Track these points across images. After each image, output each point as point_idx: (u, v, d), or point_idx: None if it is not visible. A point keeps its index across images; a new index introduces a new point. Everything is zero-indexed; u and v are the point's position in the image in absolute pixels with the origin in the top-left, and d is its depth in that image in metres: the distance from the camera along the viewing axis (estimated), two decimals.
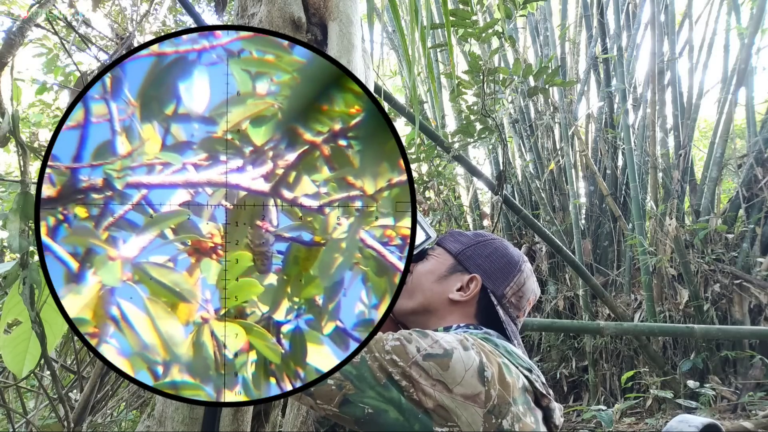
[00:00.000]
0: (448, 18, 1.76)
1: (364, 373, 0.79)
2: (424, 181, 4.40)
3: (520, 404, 0.84)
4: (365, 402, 0.78)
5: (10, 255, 2.79)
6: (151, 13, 3.92)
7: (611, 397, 4.08)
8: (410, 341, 0.82)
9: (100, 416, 2.66)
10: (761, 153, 4.13)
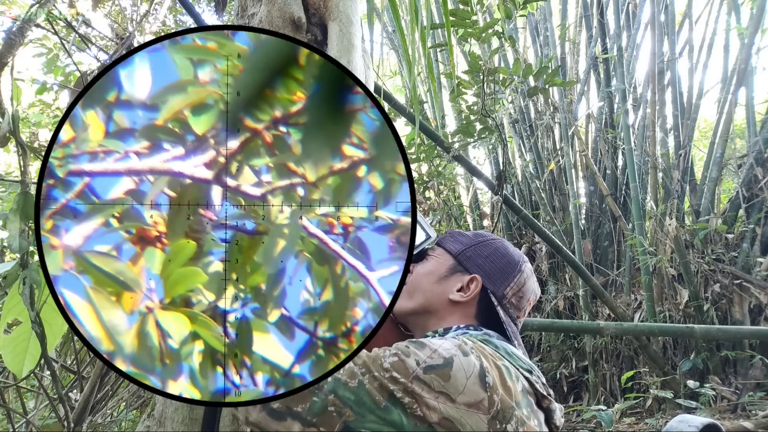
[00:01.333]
0: (448, 18, 1.76)
1: (363, 398, 0.78)
2: (424, 181, 4.40)
3: (524, 407, 0.83)
4: (366, 427, 0.77)
5: (10, 255, 2.79)
6: (151, 13, 3.92)
7: (611, 397, 4.08)
8: (408, 355, 0.80)
9: (100, 416, 2.66)
10: (761, 153, 4.13)
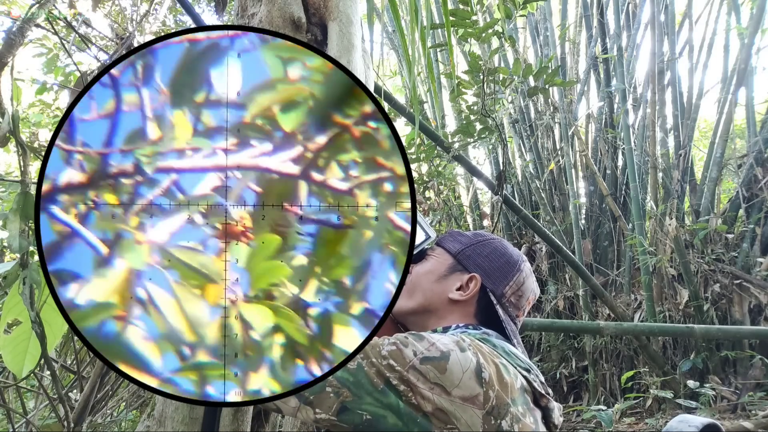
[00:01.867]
0: (448, 18, 1.76)
1: (361, 380, 0.79)
2: (424, 181, 4.40)
3: (519, 405, 0.83)
4: (363, 408, 0.78)
5: (10, 255, 2.79)
6: (151, 13, 3.92)
7: (611, 397, 4.08)
8: (407, 345, 0.81)
9: (100, 416, 2.66)
10: (761, 153, 4.13)
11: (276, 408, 0.82)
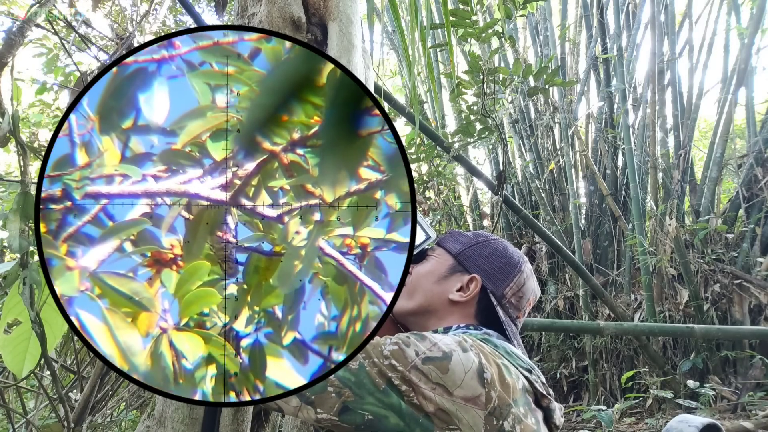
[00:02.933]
0: (448, 18, 1.76)
1: (362, 380, 0.78)
2: (424, 181, 4.40)
3: (521, 405, 0.83)
4: (365, 408, 0.78)
5: (10, 255, 2.79)
6: (151, 13, 3.92)
7: (611, 397, 4.07)
8: (408, 345, 0.81)
9: (100, 416, 2.66)
10: (761, 153, 4.13)
11: (277, 408, 0.82)
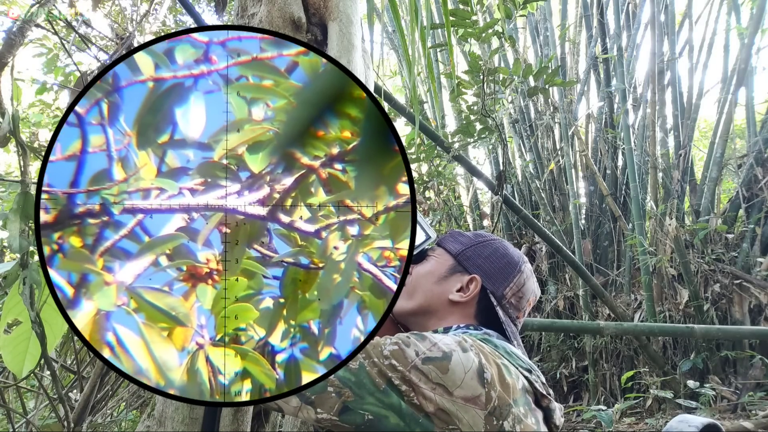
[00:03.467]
0: (448, 18, 1.76)
1: (362, 380, 0.78)
2: (424, 181, 4.40)
3: (521, 405, 0.83)
4: (365, 408, 0.78)
5: (10, 255, 2.79)
6: (151, 13, 3.92)
7: (611, 397, 4.07)
8: (408, 345, 0.81)
9: (100, 416, 2.66)
10: (761, 153, 4.13)
11: (277, 408, 0.82)
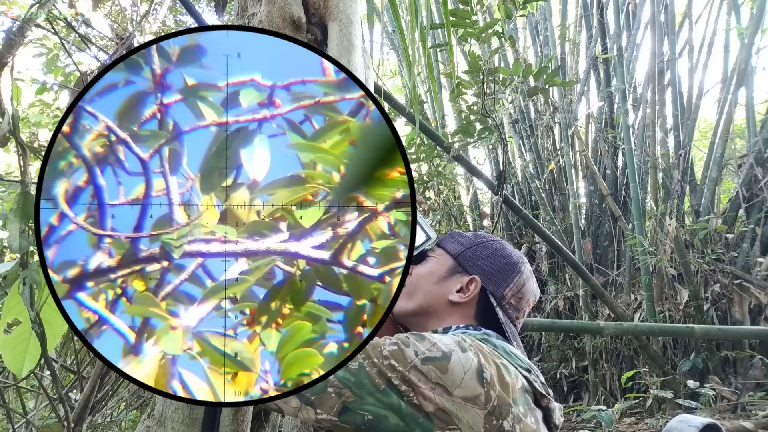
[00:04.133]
0: (448, 18, 1.76)
1: (362, 380, 0.79)
2: (424, 181, 4.40)
3: (521, 405, 0.83)
4: (365, 409, 0.78)
5: (10, 255, 2.79)
6: (151, 13, 3.92)
7: (611, 397, 4.07)
8: (408, 345, 0.81)
9: (100, 416, 2.66)
10: (761, 153, 4.13)
11: (277, 408, 0.82)
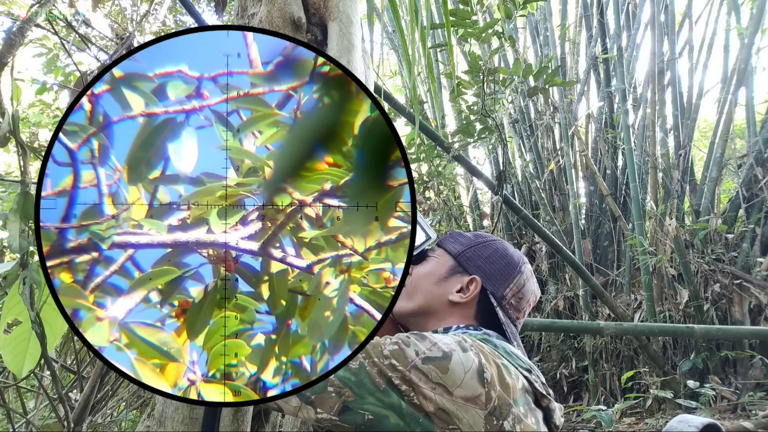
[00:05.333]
0: (448, 18, 1.76)
1: (363, 380, 0.79)
2: (424, 181, 4.40)
3: (521, 405, 0.83)
4: (365, 408, 0.78)
5: (10, 255, 2.79)
6: (151, 13, 3.92)
7: (611, 397, 4.08)
8: (408, 345, 0.81)
9: (100, 416, 2.66)
10: (761, 153, 4.13)
11: (277, 407, 0.82)
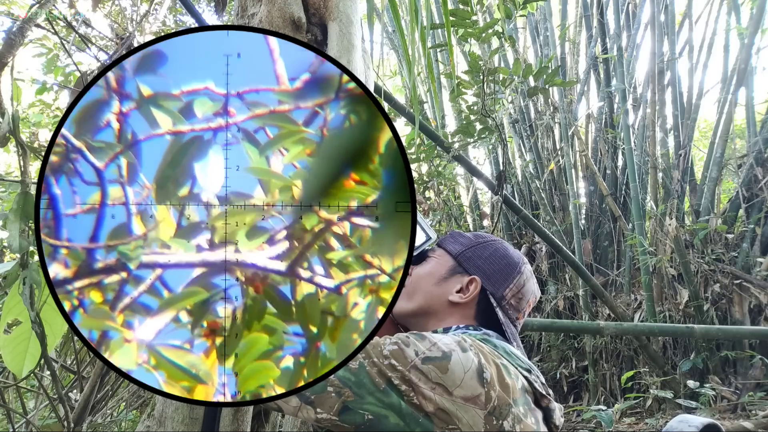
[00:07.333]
0: (448, 18, 1.77)
1: (362, 379, 0.79)
2: (424, 181, 4.40)
3: (521, 405, 0.83)
4: (365, 408, 0.78)
5: (10, 255, 2.79)
6: (151, 13, 3.92)
7: (611, 397, 4.08)
8: (408, 345, 0.81)
9: (100, 416, 2.66)
10: (761, 153, 4.13)
11: (277, 407, 0.82)
